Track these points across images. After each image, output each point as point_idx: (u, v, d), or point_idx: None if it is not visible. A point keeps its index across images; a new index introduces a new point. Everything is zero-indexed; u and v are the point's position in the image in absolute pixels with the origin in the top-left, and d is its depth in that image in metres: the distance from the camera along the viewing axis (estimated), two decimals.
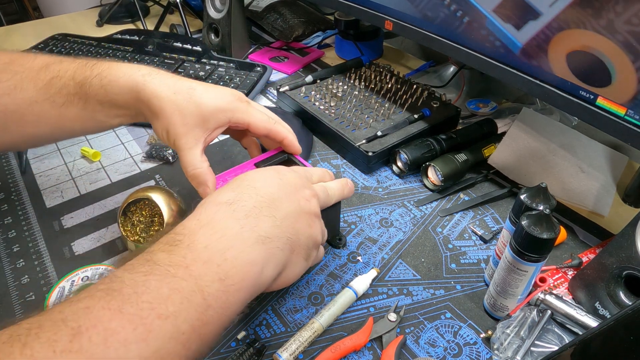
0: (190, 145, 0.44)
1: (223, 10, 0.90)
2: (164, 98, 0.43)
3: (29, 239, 0.56)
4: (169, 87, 0.44)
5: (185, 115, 0.43)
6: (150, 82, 0.43)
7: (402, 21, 0.67)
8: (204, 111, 0.44)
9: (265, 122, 0.48)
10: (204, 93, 0.44)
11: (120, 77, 0.44)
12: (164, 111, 0.43)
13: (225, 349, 0.45)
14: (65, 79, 0.45)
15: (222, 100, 0.45)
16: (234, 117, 0.46)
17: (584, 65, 0.48)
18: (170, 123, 0.43)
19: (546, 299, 0.45)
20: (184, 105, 0.43)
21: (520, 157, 0.63)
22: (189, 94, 0.44)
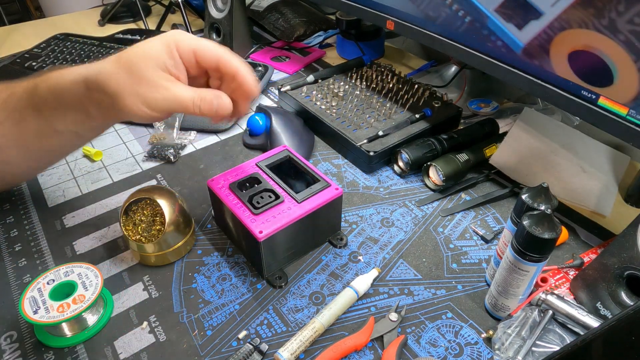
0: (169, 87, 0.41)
1: (225, 9, 0.90)
2: (110, 71, 0.41)
3: (31, 238, 0.56)
4: (111, 61, 0.41)
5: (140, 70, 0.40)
6: (91, 67, 0.42)
7: (403, 21, 0.67)
8: (151, 53, 0.41)
9: (214, 48, 0.43)
10: (143, 43, 0.42)
11: (65, 75, 0.43)
12: (118, 83, 0.40)
13: (227, 348, 0.45)
14: (19, 93, 0.45)
15: (162, 37, 0.42)
16: (179, 47, 0.42)
17: (585, 65, 0.48)
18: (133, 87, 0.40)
19: (547, 299, 0.45)
20: (131, 63, 0.40)
21: (522, 157, 0.63)
22: (129, 52, 0.41)
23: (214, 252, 0.54)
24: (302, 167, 0.54)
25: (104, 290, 0.49)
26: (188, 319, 0.47)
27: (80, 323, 0.46)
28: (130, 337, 0.46)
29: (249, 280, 0.51)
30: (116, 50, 0.88)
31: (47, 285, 0.45)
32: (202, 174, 0.66)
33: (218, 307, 0.48)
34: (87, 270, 0.47)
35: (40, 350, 0.45)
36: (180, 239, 0.52)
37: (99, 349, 0.45)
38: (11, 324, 0.47)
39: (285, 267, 0.52)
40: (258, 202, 0.49)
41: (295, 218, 0.48)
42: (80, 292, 0.45)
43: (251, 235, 0.47)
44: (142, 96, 0.40)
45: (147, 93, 0.40)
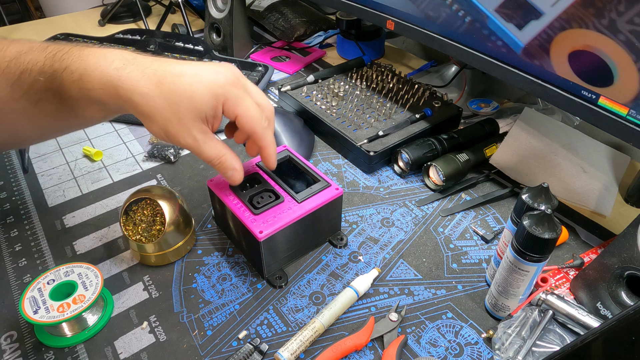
0: (200, 139, 0.40)
1: (225, 9, 0.90)
2: (148, 94, 0.37)
3: (31, 238, 0.56)
4: (150, 78, 0.37)
5: (179, 111, 0.38)
6: (126, 77, 0.37)
7: (403, 21, 0.67)
8: (198, 102, 0.38)
9: (253, 121, 0.42)
10: (193, 80, 0.38)
11: (91, 70, 0.38)
12: (152, 110, 0.38)
13: (227, 348, 0.45)
14: (34, 74, 0.40)
15: (215, 85, 0.39)
16: (225, 106, 0.40)
17: (586, 65, 0.48)
18: (166, 122, 0.38)
19: (548, 299, 0.45)
20: (173, 98, 0.37)
21: (522, 157, 0.63)
22: (176, 84, 0.38)
23: (214, 252, 0.54)
24: (303, 167, 0.54)
25: (104, 290, 0.49)
26: (188, 319, 0.47)
27: (80, 323, 0.46)
28: (130, 337, 0.46)
29: (249, 280, 0.51)
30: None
31: (47, 285, 0.45)
32: (202, 173, 0.66)
33: (218, 307, 0.48)
34: (87, 270, 0.47)
35: (41, 350, 0.45)
36: (180, 238, 0.52)
37: (99, 349, 0.45)
38: (11, 323, 0.47)
39: (285, 267, 0.52)
40: (258, 202, 0.49)
41: (295, 218, 0.48)
42: (81, 292, 0.45)
43: (251, 235, 0.47)
44: (169, 132, 0.39)
45: (176, 134, 0.39)
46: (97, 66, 0.38)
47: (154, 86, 0.37)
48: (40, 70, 0.40)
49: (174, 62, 0.40)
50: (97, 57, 0.39)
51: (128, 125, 0.76)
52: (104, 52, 0.39)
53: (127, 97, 0.38)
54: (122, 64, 0.38)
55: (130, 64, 0.38)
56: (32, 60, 0.40)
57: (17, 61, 0.40)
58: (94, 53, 0.39)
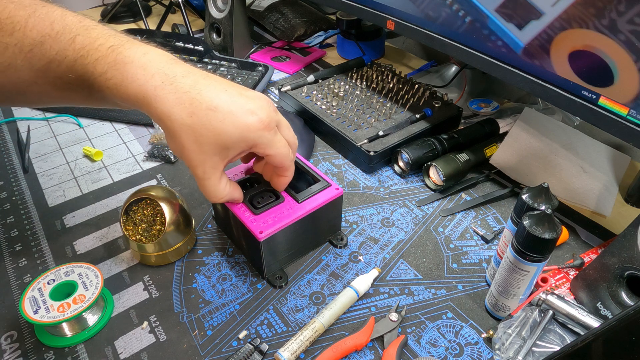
0: (208, 175, 0.40)
1: (225, 9, 0.90)
2: (178, 121, 0.37)
3: (31, 237, 0.56)
4: (184, 107, 0.37)
5: (202, 144, 0.38)
6: (162, 99, 0.37)
7: (404, 21, 0.67)
8: (225, 141, 0.38)
9: (283, 160, 0.43)
10: (226, 118, 0.38)
11: (129, 83, 0.37)
12: (177, 135, 0.38)
13: (227, 348, 0.45)
14: (64, 67, 0.38)
15: (246, 130, 0.39)
16: (255, 148, 0.41)
17: (586, 65, 0.48)
18: (185, 149, 0.39)
19: (548, 299, 0.45)
20: (201, 131, 0.38)
21: (522, 157, 0.63)
22: (208, 119, 0.37)
23: (215, 252, 0.54)
24: (303, 167, 0.54)
25: (104, 290, 0.49)
26: (188, 319, 0.47)
27: (80, 323, 0.46)
28: (130, 337, 0.46)
29: (249, 280, 0.51)
30: None
31: (47, 285, 0.45)
32: None
33: (218, 307, 0.48)
34: (88, 270, 0.47)
35: (41, 350, 0.45)
36: (180, 238, 0.52)
37: (100, 348, 0.45)
38: (11, 323, 0.47)
39: (285, 267, 0.52)
40: (258, 202, 0.49)
41: (295, 218, 0.48)
42: (81, 292, 0.45)
43: (251, 235, 0.47)
44: (184, 156, 0.40)
45: (190, 160, 0.40)
46: (135, 79, 0.37)
47: (187, 116, 0.37)
48: (70, 66, 0.38)
49: (212, 87, 0.39)
50: (135, 68, 0.37)
51: (128, 125, 0.76)
52: (143, 63, 0.38)
53: (158, 116, 0.38)
54: (161, 82, 0.37)
55: (169, 84, 0.37)
56: (60, 52, 0.38)
57: (42, 48, 0.38)
58: (132, 62, 0.37)
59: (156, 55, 0.39)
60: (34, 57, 0.38)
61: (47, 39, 0.38)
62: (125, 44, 0.38)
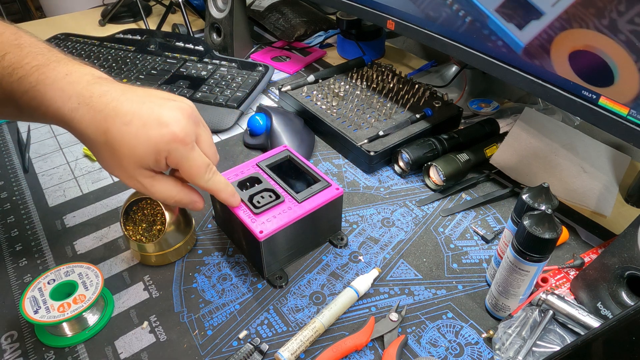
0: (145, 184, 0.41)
1: (225, 9, 0.90)
2: (94, 141, 0.38)
3: (32, 237, 0.56)
4: (98, 125, 0.38)
5: (120, 159, 0.38)
6: (78, 121, 0.38)
7: (404, 21, 0.67)
8: (140, 155, 0.38)
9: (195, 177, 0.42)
10: (139, 132, 0.38)
11: (48, 106, 0.38)
12: (97, 153, 0.39)
13: (227, 347, 0.45)
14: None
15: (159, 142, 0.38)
16: (168, 160, 0.40)
17: (586, 65, 0.48)
18: (108, 166, 0.40)
19: (548, 299, 0.45)
20: (115, 147, 0.38)
21: (523, 157, 0.63)
22: (121, 134, 0.37)
23: (215, 252, 0.54)
24: (303, 167, 0.54)
25: (105, 290, 0.50)
26: (188, 319, 0.47)
27: (80, 323, 0.46)
28: (130, 337, 0.46)
29: (249, 280, 0.51)
30: (116, 51, 0.89)
31: (47, 285, 0.45)
32: None
33: (218, 306, 0.48)
34: (88, 270, 0.47)
35: (41, 350, 0.45)
36: (180, 238, 0.52)
37: (100, 348, 0.45)
38: (12, 323, 0.47)
39: (285, 266, 0.52)
40: (258, 201, 0.49)
41: (295, 218, 0.48)
42: (81, 291, 0.45)
43: (251, 235, 0.47)
44: (115, 174, 0.41)
45: (122, 179, 0.41)
46: (52, 102, 0.38)
47: (101, 134, 0.38)
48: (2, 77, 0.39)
49: (130, 102, 0.38)
50: (54, 90, 0.38)
51: None
52: (62, 85, 0.38)
53: (78, 136, 0.39)
54: (77, 104, 0.38)
55: (84, 105, 0.38)
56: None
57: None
58: (52, 84, 0.38)
59: (79, 75, 0.39)
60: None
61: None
62: (51, 64, 0.39)
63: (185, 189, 0.44)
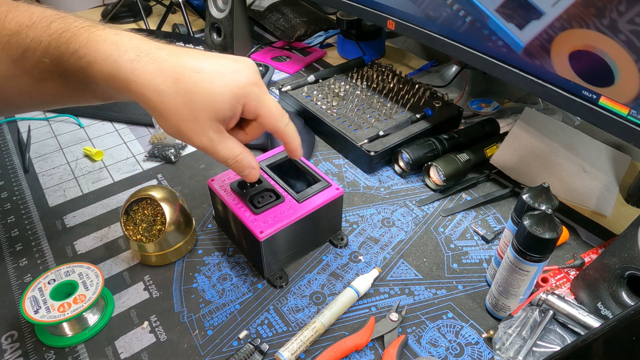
0: (213, 140, 0.38)
1: (225, 9, 0.90)
2: (164, 92, 0.35)
3: (32, 237, 0.56)
4: (167, 74, 0.35)
5: (196, 110, 0.36)
6: (141, 71, 0.35)
7: (404, 21, 0.67)
8: (218, 103, 0.36)
9: (276, 120, 0.40)
10: (213, 77, 0.36)
11: (102, 60, 0.35)
12: (167, 108, 0.36)
13: (227, 347, 0.45)
14: (39, 53, 0.37)
15: (236, 87, 0.37)
16: (247, 106, 0.38)
17: (586, 64, 0.48)
18: (180, 121, 0.36)
19: (548, 299, 0.45)
20: (191, 96, 0.35)
21: (523, 157, 0.63)
22: (195, 81, 0.35)
23: (215, 252, 0.54)
24: (303, 167, 0.54)
25: (105, 290, 0.50)
26: (189, 319, 0.47)
27: (81, 323, 0.46)
28: (131, 337, 0.46)
29: (249, 280, 0.51)
30: None
31: (47, 285, 0.45)
32: (203, 173, 0.66)
33: (219, 306, 0.48)
34: (88, 270, 0.47)
35: (41, 349, 0.45)
36: (181, 238, 0.52)
37: (100, 348, 0.45)
38: (12, 323, 0.47)
39: (285, 266, 0.52)
40: (259, 201, 0.49)
41: (296, 218, 0.48)
42: (81, 291, 0.45)
43: (252, 235, 0.47)
44: (183, 131, 0.37)
45: (191, 133, 0.37)
46: (107, 55, 0.35)
47: (171, 83, 0.35)
48: (44, 50, 0.37)
49: (191, 54, 0.37)
50: (108, 44, 0.36)
51: (129, 125, 0.76)
52: (116, 39, 0.36)
53: (140, 92, 0.35)
54: (136, 55, 0.35)
55: (145, 56, 0.35)
56: (35, 38, 0.37)
57: (18, 37, 0.37)
58: (104, 39, 0.36)
59: (129, 34, 0.37)
60: (11, 48, 0.37)
61: (23, 28, 0.37)
62: (99, 26, 0.37)
63: (247, 150, 0.41)
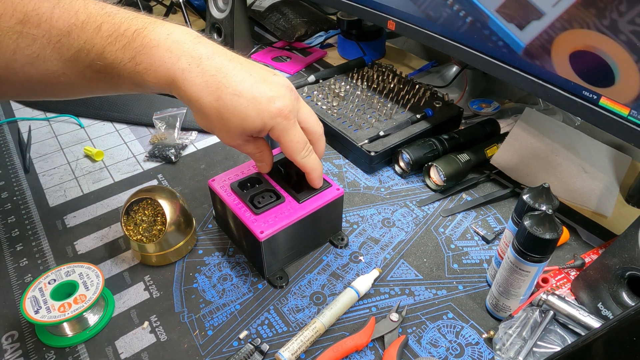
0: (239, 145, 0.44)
1: (226, 10, 0.90)
2: (206, 104, 0.40)
3: (32, 237, 0.56)
4: (211, 91, 0.39)
5: (229, 126, 0.41)
6: (191, 82, 0.39)
7: (404, 21, 0.67)
8: (247, 125, 0.41)
9: (294, 152, 0.45)
10: (249, 104, 0.40)
11: (157, 67, 0.39)
12: (207, 116, 0.41)
13: (227, 348, 0.45)
14: (92, 55, 0.39)
15: (267, 116, 0.41)
16: (272, 132, 0.43)
17: (587, 65, 0.48)
18: (215, 128, 0.42)
19: (549, 300, 0.45)
20: (227, 115, 0.40)
21: (523, 157, 0.63)
22: (233, 104, 0.40)
23: (215, 252, 0.54)
24: None
25: (105, 290, 0.50)
26: (189, 319, 0.47)
27: (81, 323, 0.46)
28: (131, 337, 0.46)
29: (249, 280, 0.51)
30: None
31: (48, 285, 0.45)
32: (203, 174, 0.66)
33: (219, 307, 0.48)
34: (89, 270, 0.47)
35: (42, 349, 0.45)
36: (181, 238, 0.52)
37: (100, 348, 0.45)
38: (12, 323, 0.47)
39: (286, 267, 0.52)
40: (259, 202, 0.49)
41: (296, 218, 0.48)
42: (82, 291, 0.45)
43: (252, 235, 0.47)
44: (215, 132, 0.43)
45: (220, 136, 0.44)
46: (162, 62, 0.39)
47: (214, 100, 0.40)
48: (99, 54, 0.39)
49: (237, 70, 0.40)
50: (162, 51, 0.39)
51: (129, 126, 0.76)
52: (168, 45, 0.39)
53: (188, 98, 0.40)
54: (188, 64, 0.39)
55: (195, 66, 0.39)
56: (88, 41, 0.39)
57: (69, 37, 0.39)
58: (157, 45, 0.39)
59: (180, 35, 0.40)
60: (62, 47, 0.39)
61: (73, 28, 0.38)
62: (149, 26, 0.39)
63: (267, 150, 0.48)
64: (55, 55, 0.39)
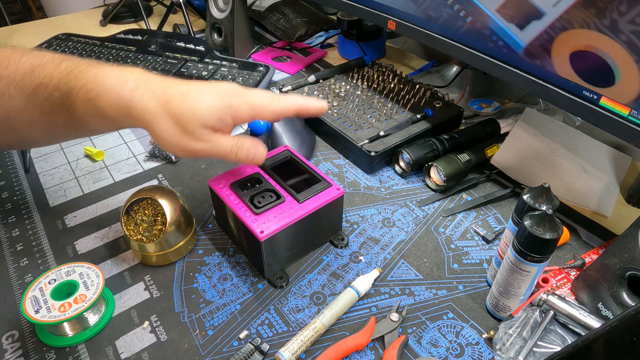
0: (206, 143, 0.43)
1: (226, 10, 0.90)
2: (157, 113, 0.41)
3: (33, 237, 0.56)
4: (159, 100, 0.41)
5: (185, 123, 0.41)
6: (138, 99, 0.41)
7: (405, 21, 0.67)
8: (203, 114, 0.41)
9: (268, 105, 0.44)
10: (197, 96, 0.42)
11: (107, 91, 0.41)
12: (163, 128, 0.41)
13: (228, 348, 0.45)
14: (50, 89, 0.43)
15: (216, 98, 0.42)
16: (236, 114, 0.43)
17: (587, 65, 0.48)
18: (175, 136, 0.42)
19: (549, 300, 0.45)
20: (178, 114, 0.41)
21: (523, 157, 0.63)
22: (182, 101, 0.41)
23: (215, 252, 0.54)
24: (304, 167, 0.54)
25: (105, 290, 0.50)
26: (189, 319, 0.47)
27: (81, 323, 0.46)
28: (131, 337, 0.46)
29: (250, 280, 0.51)
30: (117, 51, 0.89)
31: (48, 285, 0.45)
32: (204, 173, 0.66)
33: (219, 306, 0.48)
34: (89, 269, 0.47)
35: (42, 349, 0.45)
36: (181, 238, 0.52)
37: (100, 348, 0.45)
38: (13, 323, 0.47)
39: (286, 267, 0.52)
40: (259, 202, 0.49)
41: (296, 218, 0.48)
42: (82, 291, 0.45)
43: (252, 235, 0.47)
44: (182, 145, 0.42)
45: (186, 143, 0.42)
46: (111, 87, 0.41)
47: (163, 106, 0.41)
48: (55, 86, 0.42)
49: (179, 82, 0.43)
50: (112, 78, 0.42)
51: None
52: (119, 74, 0.42)
53: (139, 116, 0.41)
54: (135, 85, 0.41)
55: (142, 85, 0.42)
56: (47, 76, 0.43)
57: (32, 75, 0.43)
58: (109, 74, 0.42)
59: (130, 68, 0.43)
60: (24, 84, 0.43)
61: (36, 67, 0.43)
62: (103, 63, 0.44)
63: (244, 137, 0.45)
64: (18, 92, 0.43)
